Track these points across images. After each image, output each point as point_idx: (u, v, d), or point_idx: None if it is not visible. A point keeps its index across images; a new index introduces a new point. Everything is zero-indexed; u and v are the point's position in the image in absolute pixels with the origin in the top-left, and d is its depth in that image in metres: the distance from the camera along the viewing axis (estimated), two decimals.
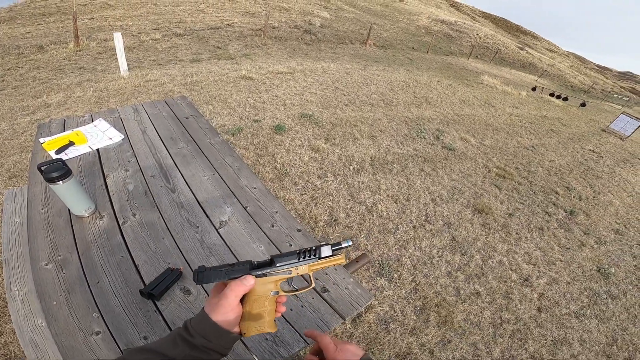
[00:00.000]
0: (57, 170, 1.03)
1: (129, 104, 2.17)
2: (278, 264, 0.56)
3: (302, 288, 0.63)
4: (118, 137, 1.62)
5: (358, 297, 1.05)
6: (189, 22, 10.40)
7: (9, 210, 1.45)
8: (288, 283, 0.62)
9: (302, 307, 0.99)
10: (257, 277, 0.54)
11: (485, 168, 4.73)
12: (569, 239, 3.67)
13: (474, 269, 2.83)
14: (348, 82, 7.00)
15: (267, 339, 0.89)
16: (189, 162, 1.54)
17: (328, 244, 0.59)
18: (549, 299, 2.76)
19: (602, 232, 4.01)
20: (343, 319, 0.98)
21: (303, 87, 6.04)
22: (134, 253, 1.07)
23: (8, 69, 5.39)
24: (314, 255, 0.58)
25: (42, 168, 1.04)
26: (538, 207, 4.12)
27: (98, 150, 1.52)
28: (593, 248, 3.65)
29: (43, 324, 0.95)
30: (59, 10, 10.75)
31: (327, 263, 0.59)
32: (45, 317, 0.89)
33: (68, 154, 1.45)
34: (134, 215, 1.21)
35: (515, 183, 4.54)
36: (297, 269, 0.58)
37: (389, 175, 3.85)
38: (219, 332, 0.49)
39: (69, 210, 1.17)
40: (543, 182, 4.85)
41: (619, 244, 3.88)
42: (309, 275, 0.60)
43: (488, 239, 3.24)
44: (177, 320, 0.91)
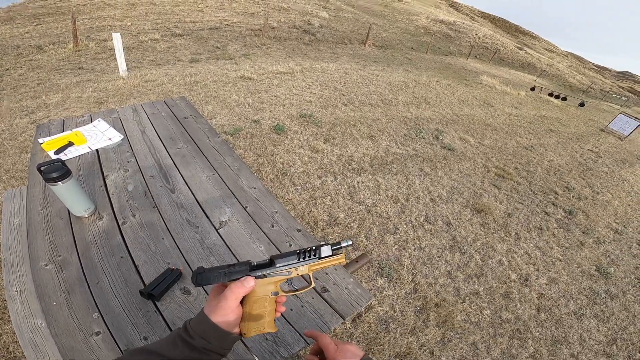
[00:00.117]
0: (56, 171, 1.03)
1: (128, 104, 2.17)
2: (278, 265, 0.56)
3: (302, 288, 0.63)
4: (117, 137, 1.62)
5: (358, 297, 1.05)
6: (188, 22, 10.39)
7: (8, 211, 1.45)
8: (288, 283, 0.61)
9: (302, 307, 0.99)
10: (257, 278, 0.54)
11: (485, 168, 4.74)
12: (568, 239, 3.67)
13: (474, 269, 2.83)
14: (347, 82, 7.01)
15: (267, 339, 0.89)
16: (189, 162, 1.54)
17: (328, 244, 0.59)
18: (549, 299, 2.77)
19: (601, 231, 4.02)
20: (343, 319, 0.98)
21: (302, 87, 6.03)
22: (134, 253, 1.07)
23: (7, 69, 5.38)
24: (314, 256, 0.58)
25: (41, 168, 1.03)
26: (537, 206, 4.12)
27: (97, 151, 1.51)
28: (592, 247, 3.66)
29: (43, 325, 0.95)
30: (58, 11, 10.73)
31: (327, 263, 0.59)
32: (45, 317, 0.88)
33: (67, 155, 1.45)
34: (134, 216, 1.21)
35: (515, 183, 4.55)
36: (297, 270, 0.57)
37: (389, 175, 3.85)
38: (219, 333, 0.49)
39: (69, 211, 1.17)
40: (542, 181, 4.86)
41: (618, 244, 3.88)
42: (309, 275, 0.59)
43: (487, 239, 3.25)
44: (177, 321, 0.91)
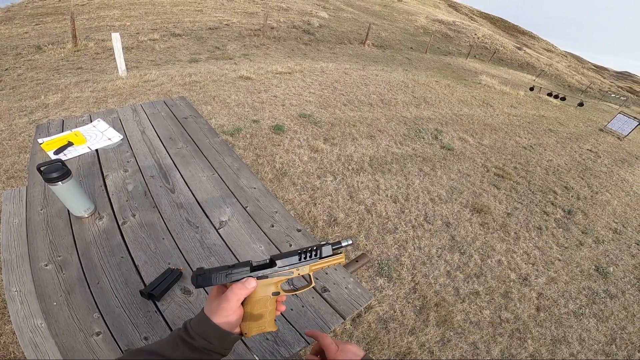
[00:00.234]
0: (56, 171, 1.03)
1: (128, 105, 2.17)
2: (279, 265, 0.56)
3: (302, 287, 0.63)
4: (117, 137, 1.62)
5: (358, 296, 1.05)
6: (188, 22, 10.39)
7: (8, 211, 1.44)
8: (288, 282, 0.61)
9: (302, 307, 0.99)
10: (258, 278, 0.53)
11: (484, 168, 4.74)
12: (568, 239, 3.68)
13: (473, 269, 2.83)
14: (347, 82, 7.01)
15: (267, 339, 0.89)
16: (189, 162, 1.54)
17: (328, 244, 0.59)
18: (548, 298, 2.77)
19: (600, 231, 4.03)
20: (343, 319, 0.98)
21: (302, 87, 6.04)
22: (134, 253, 1.07)
23: (6, 70, 5.37)
24: (315, 255, 0.58)
25: (41, 168, 1.03)
26: (536, 206, 4.13)
27: (97, 151, 1.51)
28: (591, 247, 3.66)
29: (43, 325, 0.95)
30: (57, 11, 10.71)
31: (327, 262, 0.59)
32: (45, 317, 0.88)
33: (67, 155, 1.45)
34: (134, 216, 1.21)
35: (514, 183, 4.55)
36: (298, 270, 0.57)
37: (388, 175, 3.86)
38: (220, 333, 0.49)
39: (69, 211, 1.17)
40: (541, 181, 4.87)
41: (617, 243, 3.89)
42: (309, 275, 0.59)
43: (487, 239, 3.25)
44: (177, 321, 0.91)
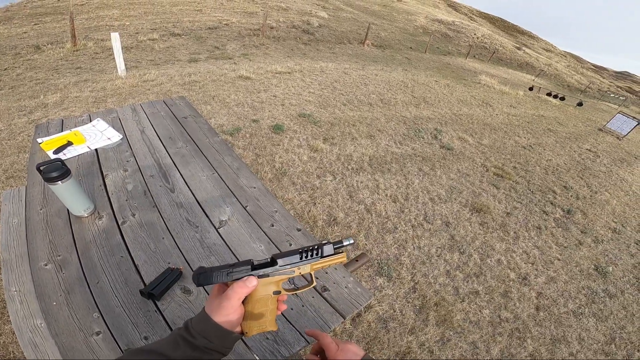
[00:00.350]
0: (56, 170, 1.02)
1: (127, 104, 2.17)
2: (281, 264, 0.55)
3: (303, 287, 0.62)
4: (116, 137, 1.61)
5: (358, 296, 1.05)
6: (187, 22, 10.38)
7: (7, 211, 1.44)
8: (289, 282, 0.61)
9: (302, 306, 0.99)
10: (259, 277, 0.53)
11: (483, 167, 4.75)
12: (567, 238, 3.69)
13: (473, 268, 2.84)
14: (346, 81, 7.01)
15: (267, 338, 0.89)
16: (188, 161, 1.54)
17: (330, 243, 0.59)
18: (548, 298, 2.78)
19: (599, 230, 4.04)
20: (343, 318, 0.98)
21: (301, 87, 6.03)
22: (134, 253, 1.07)
23: (5, 69, 5.36)
24: (317, 254, 0.57)
25: (41, 168, 1.03)
26: (536, 206, 4.14)
27: (96, 150, 1.51)
28: (591, 247, 3.67)
29: (42, 325, 0.95)
30: (56, 10, 10.69)
31: (329, 262, 0.58)
32: (45, 317, 0.88)
33: (66, 154, 1.45)
34: (134, 215, 1.21)
35: (513, 182, 4.56)
36: (299, 269, 0.56)
37: (388, 175, 3.86)
38: (221, 332, 0.49)
39: (68, 211, 1.17)
40: (540, 181, 4.87)
41: (617, 243, 3.90)
42: (310, 274, 0.59)
43: (486, 238, 3.26)
44: (177, 320, 0.90)
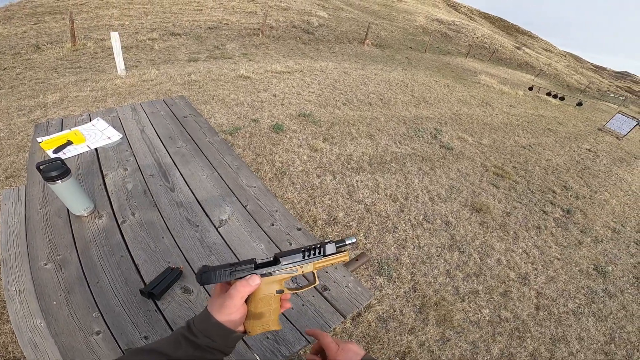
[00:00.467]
0: (56, 170, 1.02)
1: (127, 104, 2.16)
2: (283, 263, 0.55)
3: (306, 286, 0.62)
4: (116, 136, 1.61)
5: (359, 295, 1.05)
6: (187, 21, 10.37)
7: (7, 211, 1.44)
8: (292, 281, 0.61)
9: (303, 305, 0.99)
10: (262, 276, 0.53)
11: (483, 167, 4.75)
12: (567, 238, 3.69)
13: (473, 268, 2.84)
14: (346, 81, 7.00)
15: (268, 338, 0.89)
16: (188, 161, 1.53)
17: (332, 242, 0.59)
18: (547, 298, 2.78)
19: (599, 230, 4.04)
20: (344, 317, 0.98)
21: (301, 86, 6.03)
22: (134, 252, 1.07)
23: (4, 69, 5.35)
24: (319, 253, 0.57)
25: (40, 167, 1.03)
26: (535, 205, 4.14)
27: (96, 150, 1.51)
28: (590, 246, 3.67)
29: (42, 324, 0.95)
30: (55, 10, 10.68)
31: (331, 260, 0.58)
32: (45, 317, 0.88)
33: (66, 154, 1.44)
34: (133, 215, 1.20)
35: (513, 182, 4.56)
36: (302, 267, 0.57)
37: (388, 174, 3.86)
38: (224, 331, 0.49)
39: (68, 210, 1.17)
40: (540, 181, 4.87)
41: (616, 243, 3.90)
42: (313, 273, 0.59)
43: (486, 238, 3.26)
44: (177, 320, 0.90)
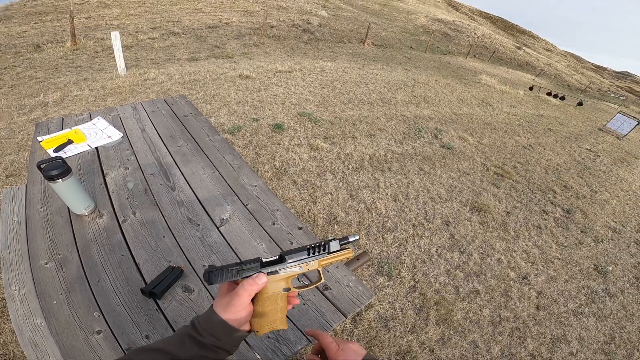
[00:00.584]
0: (56, 168, 1.02)
1: (128, 103, 2.16)
2: (289, 261, 0.56)
3: (312, 283, 0.63)
4: (117, 135, 1.61)
5: (360, 294, 1.05)
6: (187, 21, 10.37)
7: (7, 210, 1.44)
8: (298, 279, 0.62)
9: (304, 304, 0.99)
10: (268, 274, 0.54)
11: (484, 167, 4.74)
12: (567, 237, 3.68)
13: (473, 267, 2.84)
14: (346, 81, 7.00)
15: (269, 337, 0.89)
16: (189, 160, 1.53)
17: (336, 239, 0.60)
18: (548, 297, 2.78)
19: (599, 230, 4.04)
20: (345, 317, 0.98)
21: (302, 86, 6.02)
22: (135, 251, 1.07)
23: (4, 68, 5.35)
24: (324, 250, 0.58)
25: (41, 166, 1.03)
26: (536, 205, 4.13)
27: (97, 149, 1.51)
28: (590, 246, 3.67)
29: (43, 324, 0.95)
30: (56, 9, 10.68)
31: (335, 257, 0.59)
32: (46, 316, 0.88)
33: (67, 153, 1.44)
34: (134, 214, 1.20)
35: (513, 182, 4.56)
36: (307, 265, 0.57)
37: (388, 174, 3.86)
38: (229, 330, 0.49)
39: (69, 209, 1.17)
40: (541, 180, 4.87)
41: (616, 242, 3.90)
42: (318, 271, 0.60)
43: (486, 238, 3.25)
44: (178, 319, 0.90)
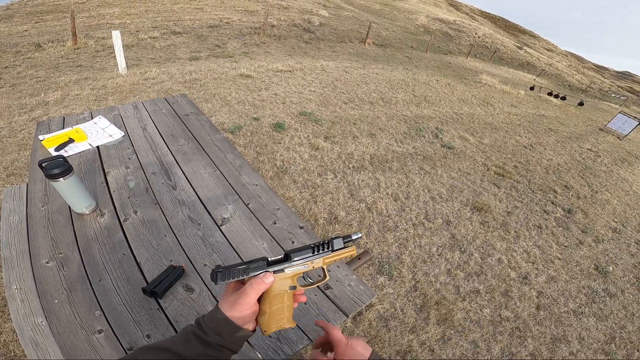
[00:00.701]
0: (58, 167, 1.02)
1: (129, 102, 2.16)
2: (295, 259, 0.57)
3: (317, 281, 0.64)
4: (118, 134, 1.61)
5: (361, 294, 1.05)
6: (188, 20, 10.36)
7: (8, 209, 1.44)
8: (304, 277, 0.63)
9: (305, 304, 0.98)
10: (274, 273, 0.54)
11: (484, 166, 4.74)
12: (567, 237, 3.68)
13: (474, 267, 2.83)
14: (347, 80, 6.99)
15: (270, 336, 0.89)
16: (190, 159, 1.53)
17: (339, 237, 0.61)
18: (548, 297, 2.78)
19: (600, 230, 4.03)
20: (346, 316, 0.98)
21: (302, 85, 6.02)
22: (136, 250, 1.06)
23: (5, 67, 5.35)
24: (328, 248, 0.59)
25: (43, 165, 1.03)
26: (536, 205, 4.13)
27: (98, 148, 1.51)
28: (591, 246, 3.67)
29: (43, 323, 0.95)
30: (57, 9, 10.68)
31: (339, 255, 0.60)
32: (47, 315, 0.88)
33: (68, 151, 1.44)
34: (135, 213, 1.20)
35: (514, 181, 4.55)
36: (312, 263, 0.59)
37: (389, 174, 3.85)
38: (234, 328, 0.49)
39: (70, 208, 1.17)
40: (541, 180, 4.86)
41: (617, 243, 3.89)
42: (323, 269, 0.62)
43: (487, 237, 3.25)
44: (180, 318, 0.90)
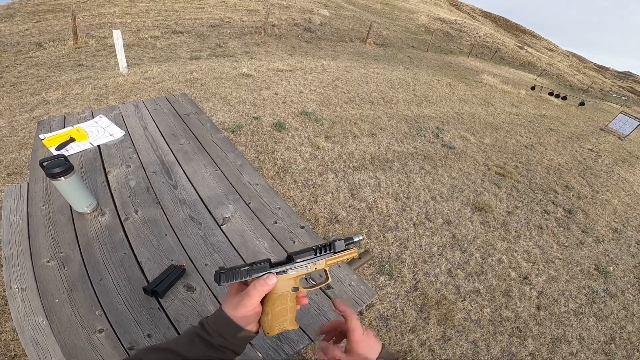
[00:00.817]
0: (59, 166, 1.02)
1: (130, 101, 2.16)
2: (297, 261, 0.58)
3: (320, 283, 0.64)
4: (119, 133, 1.61)
5: (362, 293, 1.05)
6: (189, 19, 10.35)
7: (9, 208, 1.44)
8: (306, 279, 0.63)
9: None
10: (277, 274, 0.55)
11: (485, 166, 4.74)
12: (568, 238, 3.68)
13: (474, 267, 2.83)
14: (348, 80, 6.99)
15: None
16: (191, 158, 1.53)
17: (341, 239, 0.61)
18: (548, 297, 2.77)
19: (600, 230, 4.03)
20: None
21: (303, 84, 6.02)
22: (137, 250, 1.06)
23: (6, 66, 5.35)
24: (330, 250, 0.60)
25: (44, 164, 1.03)
26: (537, 205, 4.13)
27: (99, 147, 1.51)
28: (591, 246, 3.66)
29: (44, 323, 0.95)
30: (58, 8, 10.67)
31: (341, 257, 0.61)
32: (47, 315, 0.88)
33: (69, 150, 1.44)
34: (136, 212, 1.20)
35: (515, 181, 4.55)
36: (315, 264, 0.59)
37: (389, 173, 3.85)
38: (236, 329, 0.49)
39: (71, 207, 1.17)
40: (542, 180, 4.86)
41: (617, 243, 3.89)
42: (325, 270, 0.62)
43: (487, 237, 3.25)
44: (180, 318, 0.90)
